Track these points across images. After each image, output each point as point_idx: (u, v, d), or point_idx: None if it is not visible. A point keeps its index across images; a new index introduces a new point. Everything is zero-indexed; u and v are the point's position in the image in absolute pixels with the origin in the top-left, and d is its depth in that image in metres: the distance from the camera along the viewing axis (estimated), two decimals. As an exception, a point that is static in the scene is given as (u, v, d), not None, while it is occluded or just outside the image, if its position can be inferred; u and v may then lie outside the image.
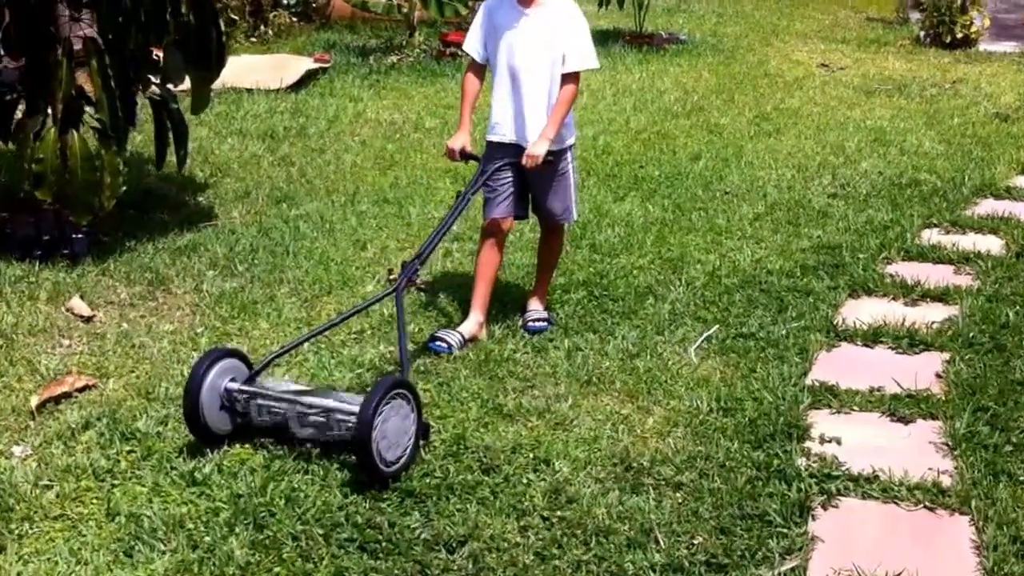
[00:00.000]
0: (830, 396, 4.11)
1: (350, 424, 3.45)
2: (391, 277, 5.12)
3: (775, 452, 3.72)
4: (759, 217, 6.17)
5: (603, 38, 11.19)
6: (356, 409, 3.41)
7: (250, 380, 3.68)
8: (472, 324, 4.56)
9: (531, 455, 3.70)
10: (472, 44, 4.61)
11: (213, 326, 4.62)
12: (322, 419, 3.55)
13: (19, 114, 5.25)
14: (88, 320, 4.62)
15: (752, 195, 6.56)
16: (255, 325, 4.65)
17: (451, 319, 4.70)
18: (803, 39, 11.80)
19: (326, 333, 4.36)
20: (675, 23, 12.32)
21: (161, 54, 5.41)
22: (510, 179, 4.57)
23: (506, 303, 4.91)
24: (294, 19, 11.40)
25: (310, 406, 3.56)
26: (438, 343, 4.44)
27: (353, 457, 3.47)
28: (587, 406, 4.05)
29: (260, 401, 3.61)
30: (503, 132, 4.56)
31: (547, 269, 4.88)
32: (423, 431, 3.65)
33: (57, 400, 3.95)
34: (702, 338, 4.63)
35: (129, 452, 3.65)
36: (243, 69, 9.23)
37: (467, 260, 5.38)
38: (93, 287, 4.94)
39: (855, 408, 4.05)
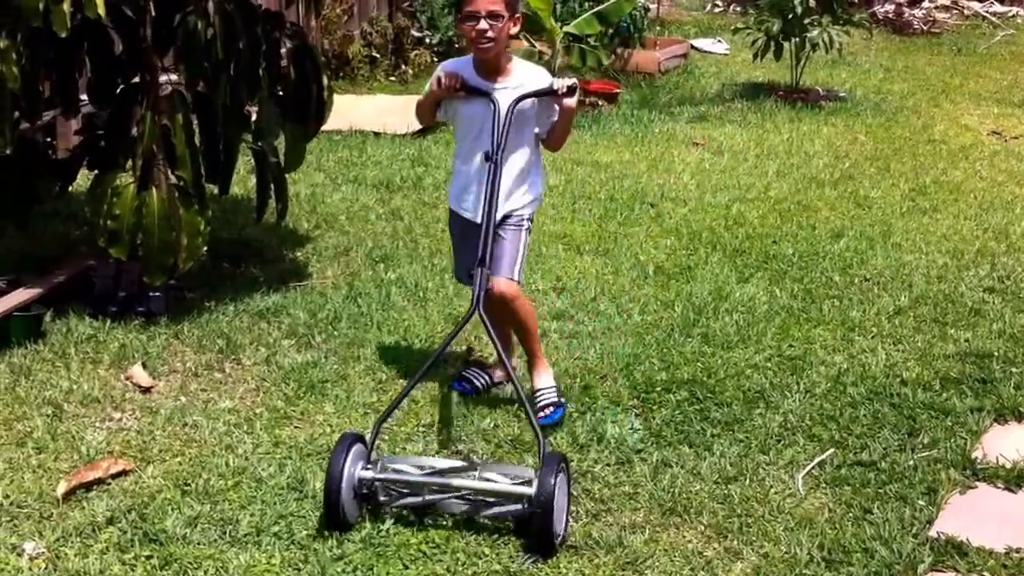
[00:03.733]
0: (956, 556, 3.45)
1: (518, 498, 3.39)
2: (470, 358, 4.75)
3: (881, 629, 3.11)
4: (901, 311, 5.48)
5: (754, 92, 10.57)
6: (521, 491, 3.38)
7: (369, 456, 3.52)
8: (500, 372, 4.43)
9: (588, 604, 3.21)
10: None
11: (274, 407, 4.29)
12: (481, 499, 3.46)
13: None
14: (147, 391, 4.36)
15: (896, 284, 5.86)
16: (319, 408, 4.30)
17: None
18: (976, 101, 10.84)
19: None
20: (836, 78, 11.50)
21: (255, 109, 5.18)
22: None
23: (596, 396, 4.43)
24: (435, 58, 11.18)
25: (470, 489, 3.44)
26: (462, 383, 4.31)
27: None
28: (666, 542, 3.52)
29: (400, 488, 3.48)
30: (473, 210, 4.14)
31: (521, 337, 4.32)
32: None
33: (88, 487, 3.68)
34: (813, 463, 4.03)
35: (148, 558, 3.33)
36: (374, 111, 9.03)
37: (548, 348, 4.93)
38: (160, 352, 4.69)
39: (985, 574, 3.39)
